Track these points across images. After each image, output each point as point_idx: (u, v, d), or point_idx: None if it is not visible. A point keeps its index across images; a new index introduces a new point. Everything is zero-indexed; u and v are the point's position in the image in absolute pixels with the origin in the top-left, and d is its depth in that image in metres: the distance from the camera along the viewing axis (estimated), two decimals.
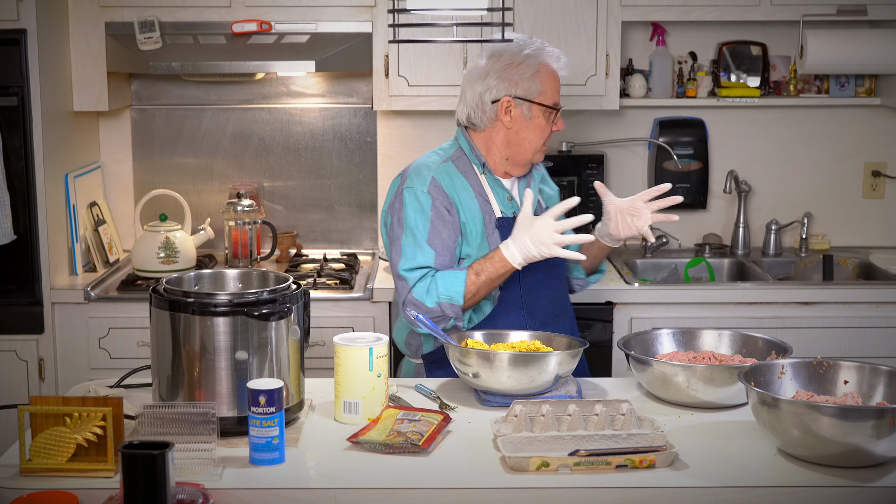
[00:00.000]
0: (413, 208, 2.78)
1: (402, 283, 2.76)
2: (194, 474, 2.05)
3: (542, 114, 2.83)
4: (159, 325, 2.27)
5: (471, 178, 2.86)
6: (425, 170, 2.83)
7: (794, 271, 4.20)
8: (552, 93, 2.84)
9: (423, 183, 2.80)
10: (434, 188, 2.79)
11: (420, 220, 2.77)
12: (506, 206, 2.87)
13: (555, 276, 2.92)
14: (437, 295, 2.71)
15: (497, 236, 2.81)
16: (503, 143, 2.87)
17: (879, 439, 2.02)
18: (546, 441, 2.17)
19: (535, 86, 2.81)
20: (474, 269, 2.72)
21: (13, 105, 3.61)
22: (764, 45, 4.25)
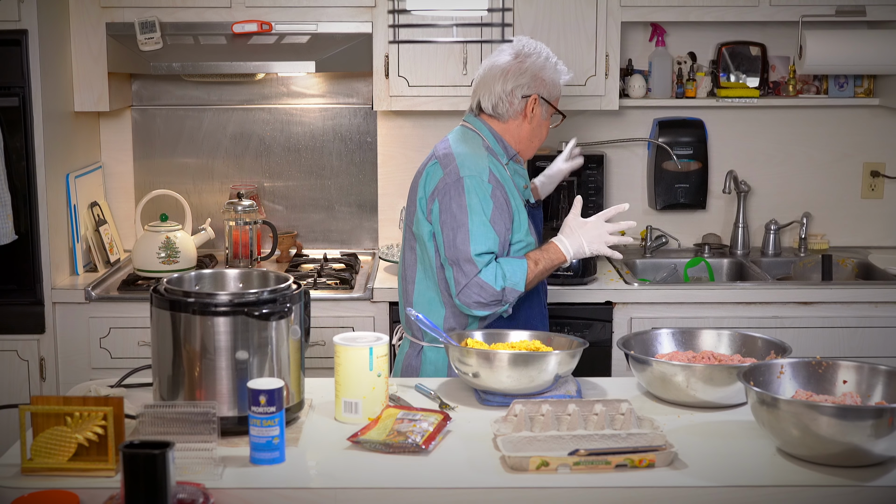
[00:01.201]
0: (478, 194, 2.85)
1: (471, 266, 2.81)
2: (195, 474, 2.05)
3: (550, 116, 3.05)
4: (160, 325, 2.28)
5: (502, 169, 2.99)
6: (476, 158, 2.92)
7: (793, 271, 4.20)
8: (559, 94, 3.06)
9: (483, 171, 2.90)
10: (493, 177, 2.90)
11: (486, 206, 2.86)
12: (524, 194, 3.04)
13: None
14: (503, 280, 2.81)
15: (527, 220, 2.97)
16: (520, 136, 3.03)
17: (878, 439, 2.02)
18: (546, 441, 2.17)
19: (556, 90, 3.03)
20: (532, 259, 2.87)
21: (14, 105, 3.62)
22: (763, 45, 4.25)
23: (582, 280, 3.76)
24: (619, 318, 3.75)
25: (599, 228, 2.86)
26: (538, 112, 3.00)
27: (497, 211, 2.86)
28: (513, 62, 2.98)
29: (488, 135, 3.00)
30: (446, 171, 2.88)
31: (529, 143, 3.04)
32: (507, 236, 2.89)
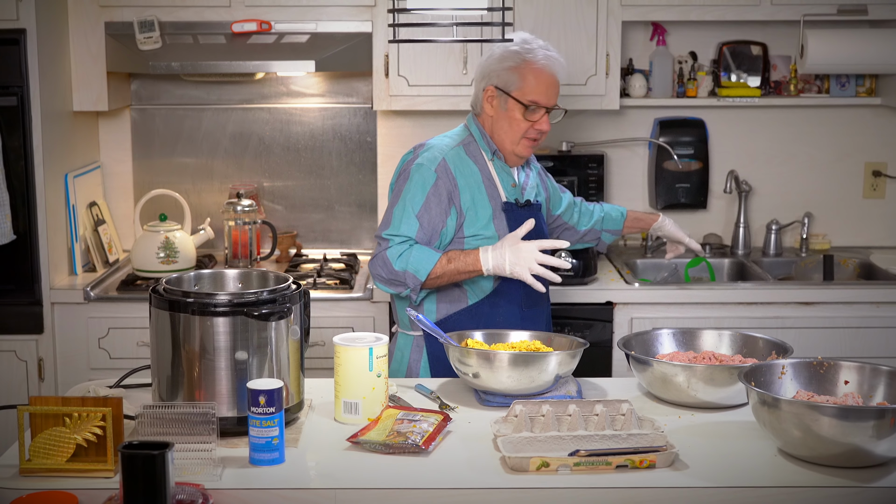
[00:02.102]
0: (416, 183, 2.91)
1: (384, 242, 2.89)
2: (194, 474, 2.04)
3: (518, 108, 2.94)
4: (159, 325, 2.27)
5: (479, 164, 2.99)
6: (437, 150, 2.97)
7: (794, 271, 4.20)
8: (532, 90, 2.94)
9: (434, 162, 2.93)
10: (442, 168, 2.92)
11: (418, 195, 2.90)
12: (510, 192, 3.00)
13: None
14: (406, 262, 2.84)
15: (503, 219, 2.95)
16: (493, 130, 3.01)
17: (880, 439, 2.02)
18: (546, 441, 2.17)
19: (514, 80, 2.94)
20: (448, 256, 2.86)
21: (13, 105, 3.61)
22: (764, 44, 4.24)
23: (582, 280, 3.75)
24: (619, 319, 3.74)
25: (530, 254, 2.80)
26: (497, 105, 2.97)
27: (430, 205, 2.88)
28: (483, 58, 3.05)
29: (475, 130, 3.03)
30: (412, 157, 2.98)
31: (506, 137, 2.98)
32: (442, 228, 2.90)
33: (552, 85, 2.97)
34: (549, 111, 2.98)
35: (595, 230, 3.36)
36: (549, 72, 2.96)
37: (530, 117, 2.96)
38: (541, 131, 2.99)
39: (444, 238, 2.92)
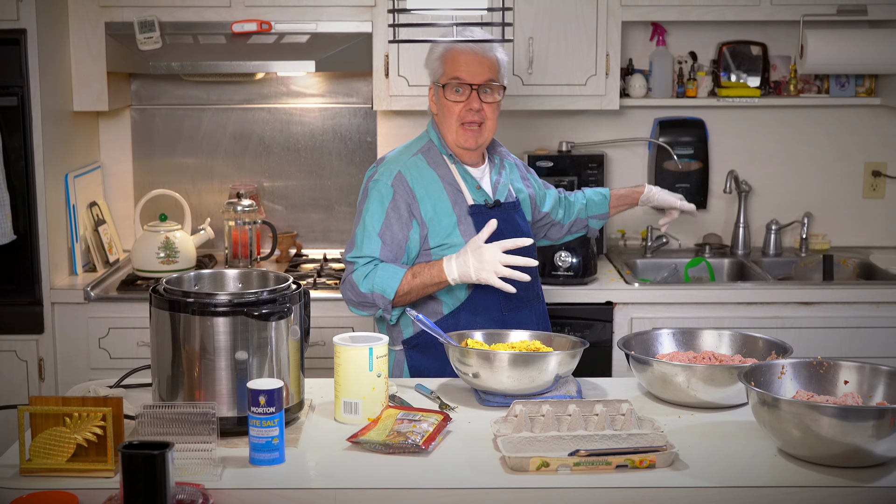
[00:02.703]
0: (374, 200, 2.89)
1: (348, 265, 2.88)
2: (194, 474, 2.04)
3: (445, 94, 2.90)
4: (159, 325, 2.27)
5: (441, 169, 2.94)
6: (394, 163, 2.93)
7: (794, 271, 4.20)
8: (452, 70, 2.89)
9: (390, 176, 2.90)
10: (398, 181, 2.88)
11: (377, 213, 2.87)
12: (476, 195, 2.94)
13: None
14: (372, 283, 2.81)
15: (470, 223, 2.89)
16: (439, 129, 2.97)
17: (880, 439, 2.02)
18: (546, 441, 2.17)
19: (439, 68, 2.93)
20: (413, 271, 2.82)
21: (13, 105, 3.61)
22: (764, 44, 4.24)
23: (582, 280, 3.76)
24: (619, 319, 3.74)
25: (493, 257, 2.72)
26: (435, 99, 2.95)
27: (391, 221, 2.84)
28: None
29: (433, 134, 2.98)
30: (372, 173, 2.96)
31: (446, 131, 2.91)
32: (406, 243, 2.86)
33: (475, 62, 2.87)
34: (476, 88, 2.87)
35: (580, 219, 3.29)
36: (470, 50, 2.88)
37: (456, 97, 2.88)
38: (473, 110, 2.87)
39: (410, 252, 2.87)
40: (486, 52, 2.91)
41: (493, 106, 2.92)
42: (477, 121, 2.90)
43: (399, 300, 2.82)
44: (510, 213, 2.98)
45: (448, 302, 2.91)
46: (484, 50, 2.90)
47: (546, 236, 3.29)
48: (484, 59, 2.90)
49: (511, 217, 2.97)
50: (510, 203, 3.01)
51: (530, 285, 2.92)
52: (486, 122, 2.91)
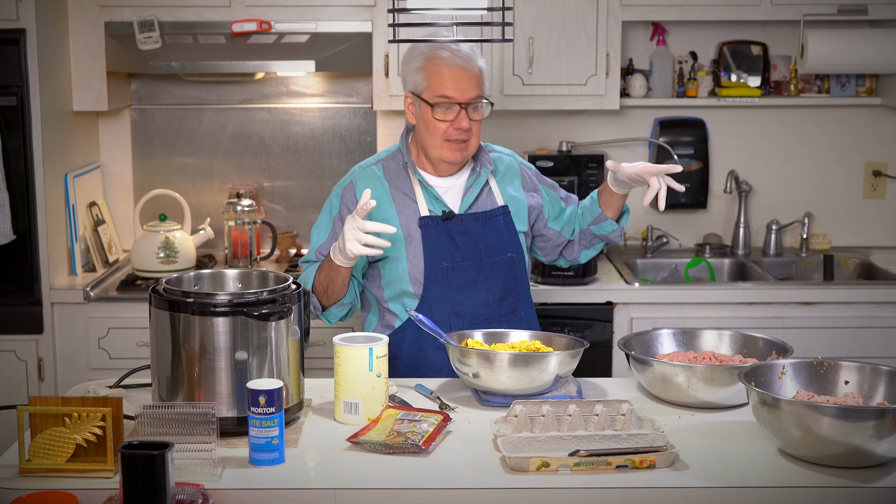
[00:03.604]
0: (325, 209, 2.91)
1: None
2: (194, 474, 2.04)
3: (430, 110, 2.77)
4: (159, 326, 2.27)
5: (399, 179, 2.86)
6: (352, 172, 2.92)
7: (794, 271, 4.20)
8: (438, 86, 2.75)
9: (341, 186, 2.90)
10: (347, 191, 2.87)
11: (324, 223, 2.89)
12: (433, 205, 2.84)
13: (493, 277, 2.84)
14: (301, 281, 2.80)
15: (419, 235, 2.81)
16: (417, 140, 2.87)
17: (880, 440, 2.01)
18: (546, 441, 2.16)
19: (420, 80, 2.79)
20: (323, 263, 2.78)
21: (12, 105, 3.61)
22: (764, 44, 4.24)
23: (582, 280, 3.75)
24: (619, 319, 3.74)
25: (353, 225, 2.60)
26: (415, 110, 2.83)
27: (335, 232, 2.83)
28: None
29: (402, 145, 2.89)
30: None
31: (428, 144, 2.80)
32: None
33: (462, 78, 2.75)
34: (465, 107, 2.75)
35: (584, 231, 2.98)
36: (455, 64, 2.75)
37: (443, 116, 2.76)
38: (462, 129, 2.76)
39: (358, 263, 2.78)
40: (471, 65, 2.78)
41: (479, 122, 2.80)
42: (464, 138, 2.79)
43: (323, 294, 2.78)
44: (489, 222, 2.85)
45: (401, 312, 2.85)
46: (468, 62, 2.77)
47: (563, 255, 3.05)
48: (470, 73, 2.76)
49: (490, 225, 2.84)
50: (488, 212, 2.86)
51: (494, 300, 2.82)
52: (471, 137, 2.80)
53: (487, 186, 2.90)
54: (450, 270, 2.81)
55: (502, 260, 2.85)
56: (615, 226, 2.92)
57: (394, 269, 2.83)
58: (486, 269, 2.84)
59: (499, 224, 2.87)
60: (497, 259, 2.84)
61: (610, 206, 2.89)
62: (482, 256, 2.83)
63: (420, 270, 2.81)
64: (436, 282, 2.81)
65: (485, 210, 2.87)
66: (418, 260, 2.81)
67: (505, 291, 2.86)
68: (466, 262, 2.82)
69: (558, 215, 3.01)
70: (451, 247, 2.81)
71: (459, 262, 2.81)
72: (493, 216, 2.87)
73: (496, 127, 4.24)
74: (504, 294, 2.86)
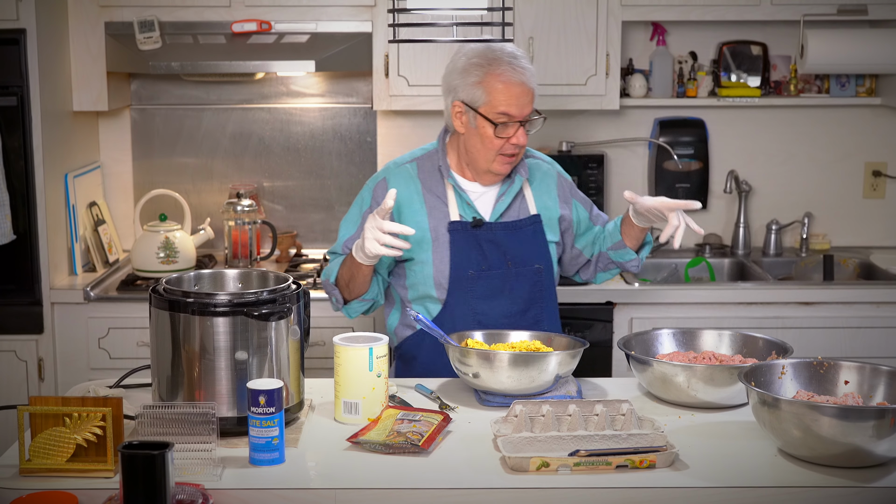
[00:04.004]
0: (356, 203, 2.89)
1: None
2: (194, 474, 2.04)
3: (488, 124, 2.73)
4: (159, 325, 2.27)
5: (432, 181, 2.84)
6: (386, 168, 2.90)
7: (794, 271, 4.20)
8: (499, 103, 2.71)
9: (374, 181, 2.88)
10: (379, 188, 2.85)
11: (353, 217, 2.87)
12: (465, 211, 2.82)
13: (518, 288, 2.82)
14: (325, 272, 2.83)
15: (447, 239, 2.79)
16: (462, 147, 2.83)
17: (880, 439, 2.02)
18: (546, 441, 2.16)
19: (479, 95, 2.73)
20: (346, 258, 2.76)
21: (13, 105, 3.61)
22: (764, 44, 4.24)
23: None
24: (619, 319, 3.74)
25: (373, 224, 2.58)
26: (465, 120, 2.76)
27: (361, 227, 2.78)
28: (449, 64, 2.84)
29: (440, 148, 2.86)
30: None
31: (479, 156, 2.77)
32: None
33: (522, 94, 2.72)
34: (522, 123, 2.74)
35: (602, 253, 2.95)
36: (516, 81, 2.71)
37: (503, 133, 2.73)
38: (517, 146, 2.75)
39: (383, 260, 2.78)
40: (530, 81, 2.74)
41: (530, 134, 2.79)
42: (517, 153, 2.78)
43: (346, 288, 2.77)
44: (519, 231, 2.83)
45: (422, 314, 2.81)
46: (527, 78, 2.73)
47: (579, 273, 3.03)
48: (528, 89, 2.73)
49: (519, 235, 2.82)
50: (519, 221, 2.84)
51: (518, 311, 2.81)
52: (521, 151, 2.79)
53: (521, 194, 2.87)
54: (475, 278, 2.78)
55: (529, 271, 2.82)
56: (633, 256, 2.89)
57: (419, 271, 2.80)
58: (512, 279, 2.81)
59: (528, 234, 2.84)
60: (524, 270, 2.81)
61: (629, 236, 2.86)
62: (509, 266, 2.80)
63: (445, 276, 2.79)
64: (460, 288, 2.79)
65: (516, 219, 2.84)
66: (444, 265, 2.79)
67: (529, 303, 2.84)
68: (492, 271, 2.79)
69: (584, 233, 2.97)
70: (478, 254, 2.78)
71: (485, 271, 2.79)
72: (524, 225, 2.84)
73: None
74: (528, 306, 2.84)
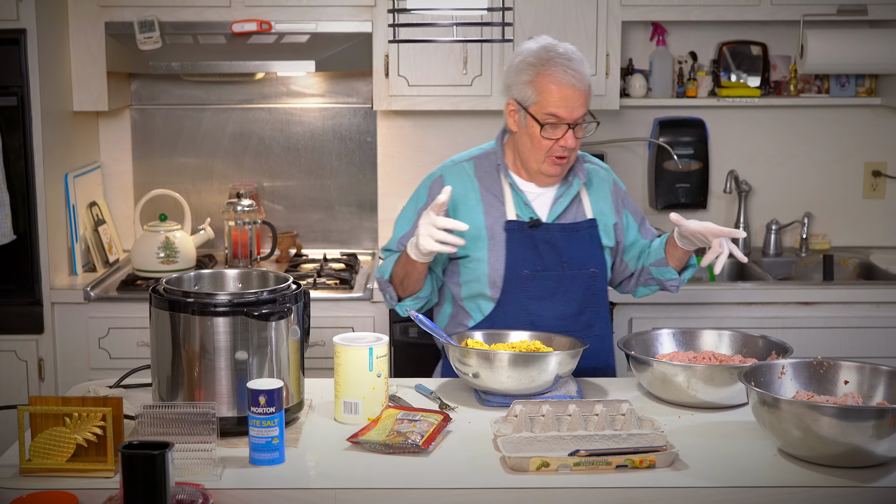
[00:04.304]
0: (412, 199, 2.87)
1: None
2: (194, 474, 2.04)
3: (536, 124, 2.71)
4: (159, 325, 2.27)
5: (490, 179, 2.82)
6: (443, 165, 2.89)
7: (794, 271, 4.20)
8: (548, 104, 2.68)
9: (431, 178, 2.87)
10: (436, 184, 2.83)
11: (409, 214, 2.86)
12: (522, 210, 2.80)
13: (573, 290, 2.80)
14: (380, 270, 2.82)
15: (503, 238, 2.77)
16: (514, 146, 2.82)
17: (880, 439, 2.02)
18: (546, 441, 2.17)
19: (529, 94, 2.71)
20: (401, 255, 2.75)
21: (13, 105, 3.61)
22: (764, 44, 4.25)
23: None
24: (619, 319, 3.74)
25: (428, 221, 2.56)
26: (518, 119, 2.75)
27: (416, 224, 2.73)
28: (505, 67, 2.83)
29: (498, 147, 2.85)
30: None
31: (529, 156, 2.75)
32: None
33: (573, 96, 2.67)
34: (572, 126, 2.69)
35: (645, 268, 2.90)
36: (567, 83, 2.67)
37: (550, 135, 2.69)
38: (566, 148, 2.70)
39: (438, 257, 2.78)
40: (582, 83, 2.69)
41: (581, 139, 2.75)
42: (567, 155, 2.73)
43: (400, 286, 2.75)
44: (575, 234, 2.79)
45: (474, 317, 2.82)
46: (580, 81, 2.68)
47: (620, 285, 3.00)
48: (581, 92, 2.68)
49: (575, 238, 2.79)
50: (576, 223, 2.80)
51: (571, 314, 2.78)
52: (572, 153, 2.75)
53: (578, 197, 2.85)
54: (530, 278, 2.76)
55: (584, 274, 2.80)
56: (675, 276, 2.86)
57: (473, 268, 2.79)
58: (567, 281, 2.79)
59: (585, 237, 2.82)
60: (579, 273, 2.79)
61: (673, 257, 2.83)
62: (564, 268, 2.78)
63: (500, 274, 2.77)
64: (514, 288, 2.77)
65: (572, 221, 2.81)
66: (499, 264, 2.77)
67: (583, 306, 2.81)
68: (547, 272, 2.77)
69: (631, 245, 2.94)
70: (533, 255, 2.76)
71: (540, 272, 2.76)
72: (581, 228, 2.81)
73: (496, 127, 4.24)
74: (582, 309, 2.81)
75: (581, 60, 2.72)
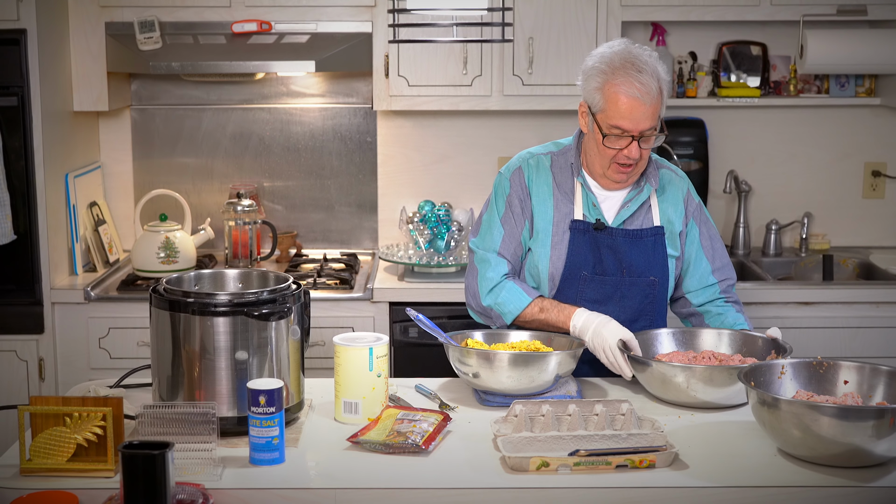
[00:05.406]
0: (496, 193, 2.84)
1: (471, 254, 2.85)
2: (194, 474, 2.05)
3: (603, 141, 2.67)
4: (159, 325, 2.27)
5: (563, 175, 2.80)
6: (519, 158, 2.86)
7: (794, 271, 4.20)
8: (613, 115, 2.65)
9: (509, 170, 2.84)
10: (516, 176, 2.81)
11: (500, 203, 2.82)
12: (590, 211, 2.77)
13: (630, 297, 2.77)
14: (495, 300, 2.75)
15: (567, 237, 2.75)
16: (585, 148, 2.80)
17: (879, 439, 2.02)
18: (546, 441, 2.17)
19: (598, 101, 2.68)
20: (540, 305, 2.71)
21: (13, 105, 3.61)
22: (764, 44, 4.25)
23: None
24: None
25: (613, 338, 2.56)
26: (587, 122, 2.73)
27: (511, 211, 2.78)
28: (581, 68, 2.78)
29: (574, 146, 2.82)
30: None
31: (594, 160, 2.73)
32: (520, 237, 2.78)
33: (638, 108, 2.62)
34: (637, 138, 2.64)
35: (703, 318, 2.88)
36: (633, 95, 2.62)
37: (613, 144, 2.66)
38: (630, 158, 2.66)
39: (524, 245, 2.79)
40: (651, 97, 2.64)
41: (649, 149, 2.71)
42: (631, 164, 2.70)
43: (524, 324, 2.74)
44: (639, 241, 2.76)
45: None
46: (648, 94, 2.63)
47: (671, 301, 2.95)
48: (648, 106, 2.63)
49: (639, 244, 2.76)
50: (641, 230, 2.77)
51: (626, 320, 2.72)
52: (639, 161, 2.71)
53: (647, 203, 2.80)
54: (587, 280, 2.75)
55: (643, 282, 2.77)
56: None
57: (535, 260, 2.79)
58: (625, 287, 2.77)
59: (648, 245, 2.78)
60: (638, 280, 2.76)
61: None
62: (623, 275, 2.76)
63: (559, 272, 2.76)
64: (570, 288, 2.76)
65: (638, 228, 2.78)
66: (559, 261, 2.77)
67: (638, 314, 2.79)
68: (606, 276, 2.75)
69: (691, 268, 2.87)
70: (594, 258, 2.75)
71: (599, 275, 2.75)
72: (645, 236, 2.77)
73: (497, 128, 4.25)
74: (637, 316, 2.79)
75: (652, 70, 2.66)
